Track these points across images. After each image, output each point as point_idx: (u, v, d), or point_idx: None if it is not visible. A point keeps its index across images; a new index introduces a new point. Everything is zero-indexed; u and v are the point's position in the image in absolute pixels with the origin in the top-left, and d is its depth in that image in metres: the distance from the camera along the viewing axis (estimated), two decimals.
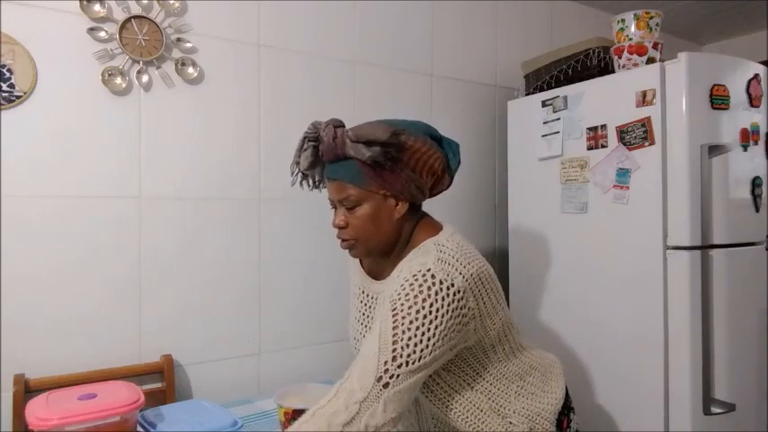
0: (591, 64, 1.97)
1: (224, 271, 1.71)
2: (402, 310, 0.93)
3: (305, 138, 1.08)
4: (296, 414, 1.20)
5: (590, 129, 1.83)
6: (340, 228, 1.08)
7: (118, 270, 1.55)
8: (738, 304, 1.72)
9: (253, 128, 1.76)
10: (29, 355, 1.42)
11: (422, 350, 0.92)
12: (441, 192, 1.14)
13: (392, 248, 1.10)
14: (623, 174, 1.73)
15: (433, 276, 0.95)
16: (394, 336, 0.92)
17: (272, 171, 1.80)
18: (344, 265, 1.46)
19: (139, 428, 1.22)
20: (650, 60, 1.75)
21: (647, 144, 1.67)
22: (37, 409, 1.09)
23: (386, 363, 0.90)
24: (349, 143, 1.02)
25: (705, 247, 1.62)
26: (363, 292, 1.17)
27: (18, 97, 1.41)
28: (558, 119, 1.93)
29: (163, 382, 1.57)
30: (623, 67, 1.80)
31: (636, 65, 1.77)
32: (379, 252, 1.10)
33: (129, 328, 1.56)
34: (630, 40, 1.79)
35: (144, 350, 1.58)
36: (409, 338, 0.92)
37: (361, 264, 1.22)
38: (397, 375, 0.90)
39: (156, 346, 1.60)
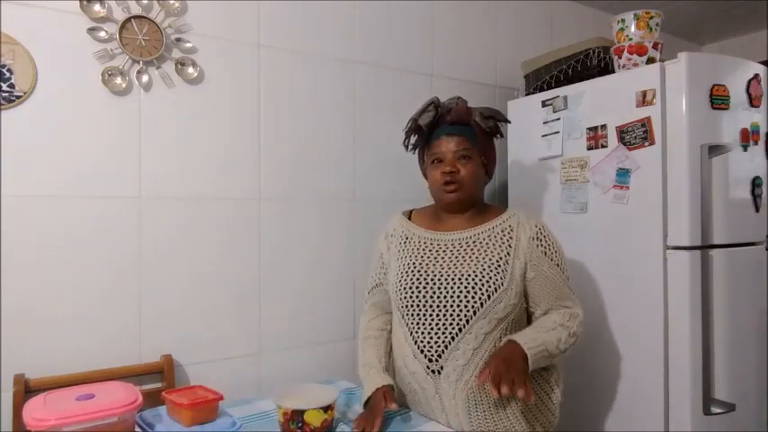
0: (591, 64, 1.97)
1: (224, 271, 1.71)
2: (557, 260, 1.35)
3: (431, 102, 1.39)
4: (295, 415, 1.20)
5: (590, 129, 1.83)
6: (452, 173, 1.34)
7: (118, 270, 1.55)
8: (738, 304, 1.72)
9: (252, 128, 1.76)
10: (29, 355, 1.42)
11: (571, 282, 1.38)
12: (489, 180, 1.47)
13: (472, 205, 1.40)
14: (623, 174, 1.73)
15: (550, 230, 1.39)
16: (567, 278, 1.37)
17: (272, 171, 1.80)
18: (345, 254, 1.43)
19: (138, 429, 1.22)
20: (650, 60, 1.75)
21: (647, 144, 1.67)
22: (34, 410, 1.09)
23: (575, 295, 1.38)
24: (476, 112, 1.37)
25: (705, 247, 1.63)
26: (431, 240, 1.40)
27: (18, 97, 1.41)
28: (558, 119, 1.93)
29: (163, 382, 1.57)
30: (623, 67, 1.80)
31: (636, 65, 1.77)
32: (468, 203, 1.39)
33: (129, 328, 1.56)
34: (630, 40, 1.79)
35: (144, 350, 1.58)
36: (569, 275, 1.38)
37: (409, 220, 1.49)
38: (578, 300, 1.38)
39: (156, 346, 1.60)
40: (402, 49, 2.09)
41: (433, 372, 1.31)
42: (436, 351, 1.30)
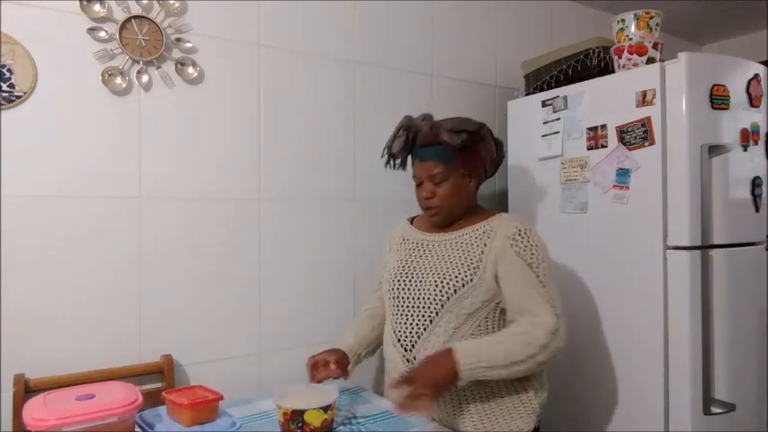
0: (591, 64, 1.97)
1: (224, 271, 1.71)
2: (533, 262, 1.28)
3: (400, 127, 1.39)
4: (294, 415, 1.20)
5: (590, 129, 1.83)
6: (428, 199, 1.37)
7: (118, 270, 1.55)
8: (738, 304, 1.72)
9: (252, 128, 1.76)
10: (29, 355, 1.42)
11: (555, 285, 1.31)
12: (489, 177, 1.46)
13: (462, 215, 1.41)
14: (623, 174, 1.73)
15: (534, 233, 1.33)
16: (540, 282, 1.28)
17: (272, 171, 1.80)
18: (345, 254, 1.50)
19: (137, 429, 1.22)
20: (650, 60, 1.75)
21: (647, 144, 1.67)
22: (34, 410, 1.09)
23: (550, 302, 1.27)
24: (443, 131, 1.32)
25: (705, 247, 1.62)
26: (418, 243, 1.44)
27: (18, 97, 1.41)
28: (558, 119, 1.93)
29: (163, 382, 1.57)
30: (623, 67, 1.80)
31: (636, 65, 1.77)
32: (455, 217, 1.40)
33: (129, 328, 1.56)
34: (630, 40, 1.79)
35: (144, 350, 1.58)
36: (548, 281, 1.29)
37: (411, 224, 1.53)
38: (558, 313, 1.26)
39: (156, 346, 1.60)
40: (402, 49, 2.09)
41: (408, 361, 1.36)
42: (410, 341, 1.36)
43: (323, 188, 1.90)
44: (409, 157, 1.44)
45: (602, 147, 1.79)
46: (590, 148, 1.83)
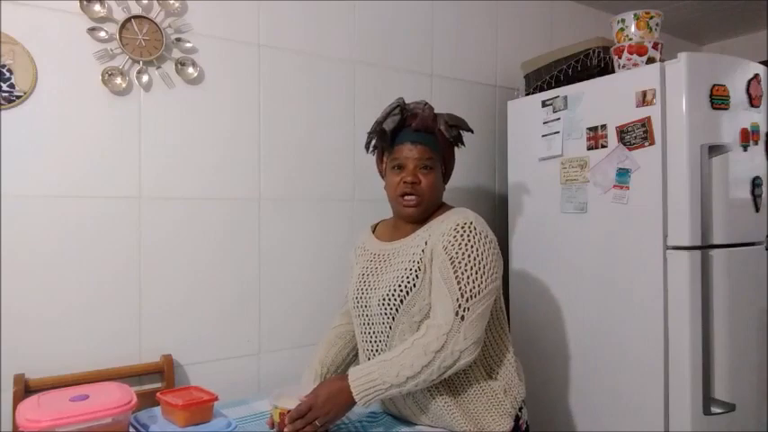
0: (591, 64, 1.97)
1: (224, 271, 1.71)
2: (456, 256, 1.19)
3: (397, 105, 1.33)
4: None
5: (590, 129, 1.83)
6: (413, 184, 1.28)
7: (118, 270, 1.55)
8: (738, 304, 1.72)
9: (252, 128, 1.76)
10: (29, 355, 1.42)
11: (479, 284, 1.18)
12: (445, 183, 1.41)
13: (429, 215, 1.33)
14: (623, 174, 1.73)
15: (474, 228, 1.22)
16: (456, 277, 1.17)
17: (272, 171, 1.80)
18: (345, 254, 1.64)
19: (132, 430, 1.22)
20: (650, 60, 1.75)
21: (647, 144, 1.67)
22: (27, 411, 1.08)
23: (457, 300, 1.16)
24: (442, 120, 1.30)
25: (705, 247, 1.63)
26: (374, 254, 1.38)
27: (18, 97, 1.41)
28: (558, 119, 1.93)
29: (163, 382, 1.57)
30: (623, 67, 1.80)
31: (636, 65, 1.77)
32: (428, 213, 1.33)
33: (128, 328, 1.56)
34: (630, 40, 1.79)
35: (144, 350, 1.58)
36: (467, 277, 1.17)
37: (372, 233, 1.47)
38: (467, 308, 1.16)
39: (156, 346, 1.60)
40: (402, 49, 2.09)
41: None
42: (375, 357, 1.30)
43: (323, 188, 1.90)
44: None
45: (602, 147, 1.79)
46: (590, 148, 1.83)
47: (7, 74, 1.39)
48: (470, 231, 1.21)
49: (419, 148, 1.29)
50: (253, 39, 1.76)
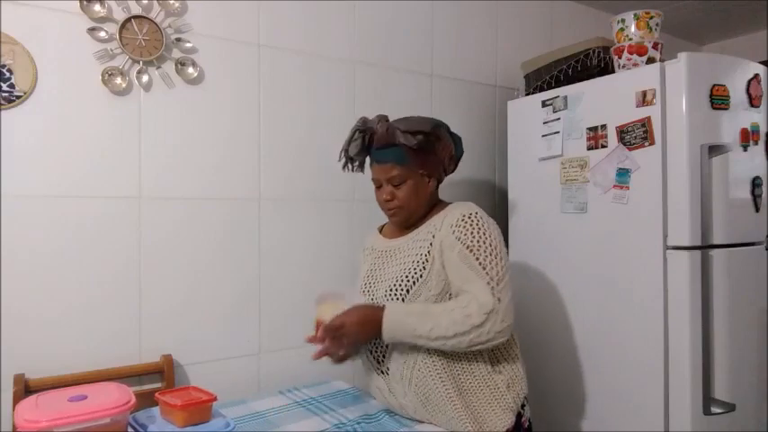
0: (591, 64, 1.97)
1: (224, 271, 1.71)
2: (473, 245, 1.24)
3: (356, 130, 1.37)
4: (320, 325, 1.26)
5: (590, 129, 1.82)
6: (387, 201, 1.36)
7: (118, 270, 1.55)
8: (738, 304, 1.72)
9: (252, 128, 1.76)
10: (29, 355, 1.42)
11: (501, 269, 1.24)
12: (449, 174, 1.44)
13: (420, 217, 1.39)
14: (623, 174, 1.73)
15: (481, 217, 1.29)
16: (480, 263, 1.23)
17: (272, 171, 1.80)
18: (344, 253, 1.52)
19: (130, 430, 1.22)
20: (650, 60, 1.75)
21: (647, 144, 1.67)
22: (26, 411, 1.08)
23: (488, 283, 1.21)
24: (399, 133, 1.30)
25: (705, 247, 1.62)
26: (381, 251, 1.44)
27: (18, 97, 1.41)
28: (558, 119, 1.93)
29: (163, 382, 1.57)
30: (623, 67, 1.80)
31: (636, 65, 1.77)
32: (415, 217, 1.38)
33: (129, 328, 1.56)
34: (630, 40, 1.79)
35: (144, 350, 1.58)
36: (489, 262, 1.23)
37: (379, 232, 1.53)
38: (500, 291, 1.21)
39: (156, 346, 1.60)
40: (402, 49, 2.09)
41: (382, 372, 1.38)
42: (381, 352, 1.37)
43: (323, 188, 1.90)
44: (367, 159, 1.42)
45: (602, 147, 1.79)
46: (590, 148, 1.83)
47: (7, 74, 1.39)
48: (478, 221, 1.28)
49: (385, 166, 1.34)
50: (253, 39, 1.76)
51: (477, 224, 1.27)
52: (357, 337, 1.24)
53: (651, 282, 1.67)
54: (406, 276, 1.30)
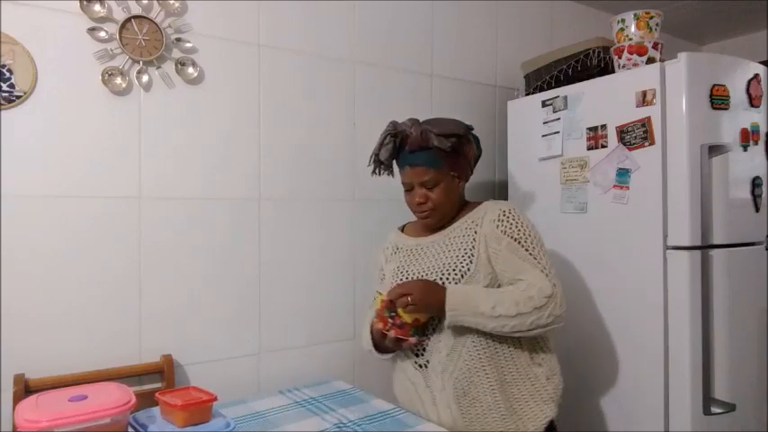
0: (591, 64, 1.97)
1: (224, 271, 1.71)
2: (520, 237, 1.30)
3: (387, 134, 1.38)
4: (391, 304, 1.27)
5: (590, 129, 1.83)
6: (420, 204, 1.38)
7: (118, 270, 1.55)
8: (738, 304, 1.72)
9: (252, 128, 1.76)
10: (29, 355, 1.42)
11: (548, 260, 1.31)
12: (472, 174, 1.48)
13: (450, 219, 1.42)
14: (623, 174, 1.73)
15: (520, 213, 1.35)
16: (531, 255, 1.29)
17: (272, 171, 1.80)
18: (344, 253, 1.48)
19: (131, 430, 1.22)
20: (650, 60, 1.75)
21: (647, 144, 1.67)
22: (26, 411, 1.08)
23: (542, 271, 1.27)
24: (433, 136, 1.32)
25: (705, 247, 1.63)
26: (410, 249, 1.46)
27: (18, 97, 1.41)
28: (558, 119, 1.93)
29: (163, 382, 1.57)
30: (623, 67, 1.80)
31: (636, 65, 1.77)
32: (447, 218, 1.42)
33: (129, 328, 1.56)
34: (630, 40, 1.79)
35: (144, 350, 1.58)
36: (538, 253, 1.30)
37: (401, 232, 1.56)
38: (554, 278, 1.27)
39: (156, 346, 1.60)
40: (402, 49, 2.09)
41: (420, 366, 1.38)
42: (422, 346, 1.37)
43: (323, 188, 1.90)
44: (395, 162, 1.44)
45: (602, 147, 1.79)
46: (590, 148, 1.83)
47: (7, 74, 1.39)
48: (519, 216, 1.34)
49: (417, 169, 1.36)
50: (253, 39, 1.76)
51: (518, 218, 1.33)
52: (421, 297, 1.25)
53: (651, 282, 1.67)
54: (454, 270, 1.33)
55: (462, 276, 1.32)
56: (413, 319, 1.27)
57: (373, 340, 1.41)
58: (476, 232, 1.35)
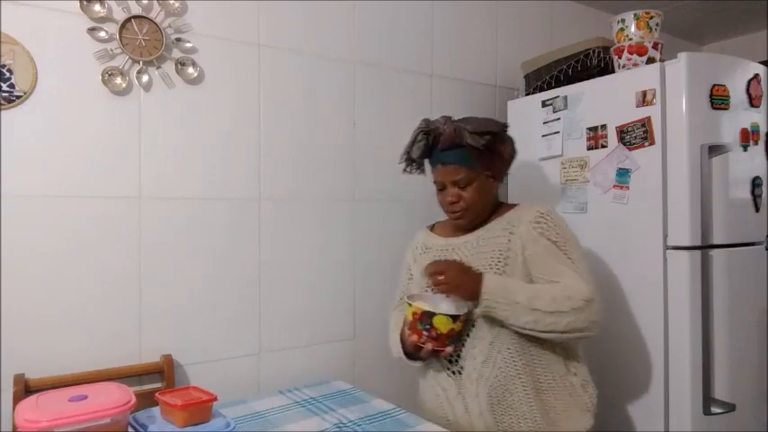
0: (591, 64, 1.97)
1: (224, 271, 1.71)
2: (557, 240, 1.27)
3: (420, 131, 1.35)
4: (424, 316, 1.22)
5: (590, 129, 1.83)
6: (452, 203, 1.35)
7: (118, 270, 1.55)
8: (738, 304, 1.72)
9: (252, 128, 1.76)
10: (29, 355, 1.42)
11: (585, 264, 1.28)
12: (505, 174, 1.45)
13: (483, 219, 1.39)
14: (623, 174, 1.73)
15: (557, 215, 1.33)
16: (569, 258, 1.26)
17: (272, 171, 1.80)
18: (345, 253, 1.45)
19: (131, 430, 1.22)
20: (650, 60, 1.75)
21: (646, 144, 1.67)
22: (26, 411, 1.08)
23: (582, 275, 1.24)
24: (467, 134, 1.28)
25: (705, 247, 1.63)
26: (441, 249, 1.42)
27: (18, 97, 1.41)
28: (558, 119, 1.93)
29: (163, 382, 1.57)
30: (623, 67, 1.80)
31: (636, 65, 1.77)
32: (480, 219, 1.38)
33: (129, 328, 1.56)
34: (630, 40, 1.79)
35: (144, 350, 1.58)
36: (576, 257, 1.27)
37: (430, 230, 1.53)
38: (592, 283, 1.23)
39: (156, 346, 1.60)
40: (402, 49, 2.09)
41: (453, 373, 1.34)
42: (456, 353, 1.32)
43: (323, 188, 1.90)
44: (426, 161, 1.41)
45: (602, 147, 1.79)
46: (590, 148, 1.83)
47: (7, 74, 1.39)
48: (555, 217, 1.32)
49: (450, 168, 1.33)
50: (253, 39, 1.76)
51: (556, 221, 1.31)
52: (456, 277, 1.23)
53: (651, 282, 1.67)
54: (490, 269, 1.29)
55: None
56: (448, 330, 1.22)
57: (404, 349, 1.36)
58: (511, 233, 1.31)
